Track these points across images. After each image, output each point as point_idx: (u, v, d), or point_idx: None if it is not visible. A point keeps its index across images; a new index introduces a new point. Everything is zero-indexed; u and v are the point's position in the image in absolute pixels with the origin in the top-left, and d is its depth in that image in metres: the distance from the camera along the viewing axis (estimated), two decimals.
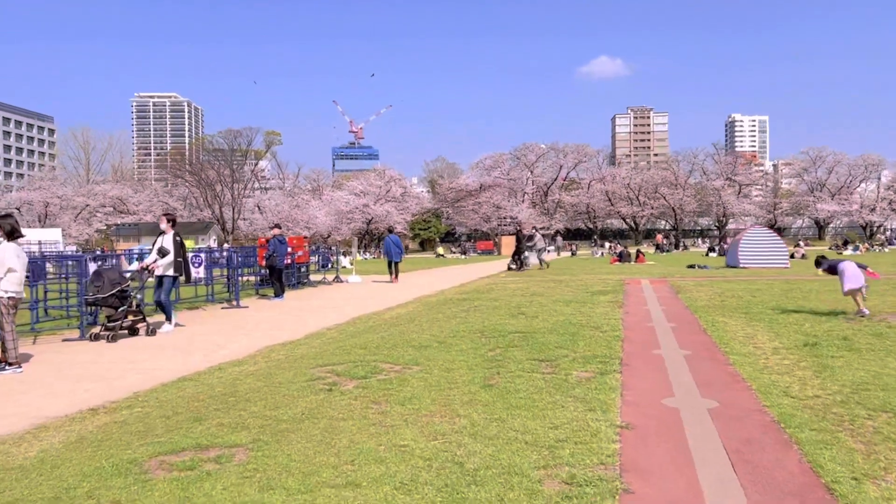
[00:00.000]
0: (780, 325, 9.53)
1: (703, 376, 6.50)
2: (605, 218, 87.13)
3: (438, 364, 7.16)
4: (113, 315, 10.37)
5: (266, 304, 15.24)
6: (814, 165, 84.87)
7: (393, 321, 11.26)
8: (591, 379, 6.37)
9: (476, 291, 16.61)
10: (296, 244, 19.72)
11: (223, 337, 10.30)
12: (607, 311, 11.79)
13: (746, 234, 25.63)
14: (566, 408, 5.33)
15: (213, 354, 8.65)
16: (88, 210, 79.42)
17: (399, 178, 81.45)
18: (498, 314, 11.50)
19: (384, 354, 7.84)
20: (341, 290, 19.43)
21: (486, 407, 5.39)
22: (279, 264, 16.30)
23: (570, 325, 9.94)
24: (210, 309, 14.40)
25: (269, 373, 7.08)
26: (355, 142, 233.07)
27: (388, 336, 9.35)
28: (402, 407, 5.44)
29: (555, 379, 6.37)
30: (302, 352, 8.51)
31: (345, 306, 14.38)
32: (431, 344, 8.47)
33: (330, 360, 7.56)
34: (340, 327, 10.88)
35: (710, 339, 8.60)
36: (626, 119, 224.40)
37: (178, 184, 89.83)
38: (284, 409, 5.45)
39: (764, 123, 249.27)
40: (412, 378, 6.48)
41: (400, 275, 22.91)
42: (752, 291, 14.66)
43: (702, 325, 9.96)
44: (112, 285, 10.41)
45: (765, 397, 5.61)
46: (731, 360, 7.20)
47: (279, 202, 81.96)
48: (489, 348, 8.10)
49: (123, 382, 7.00)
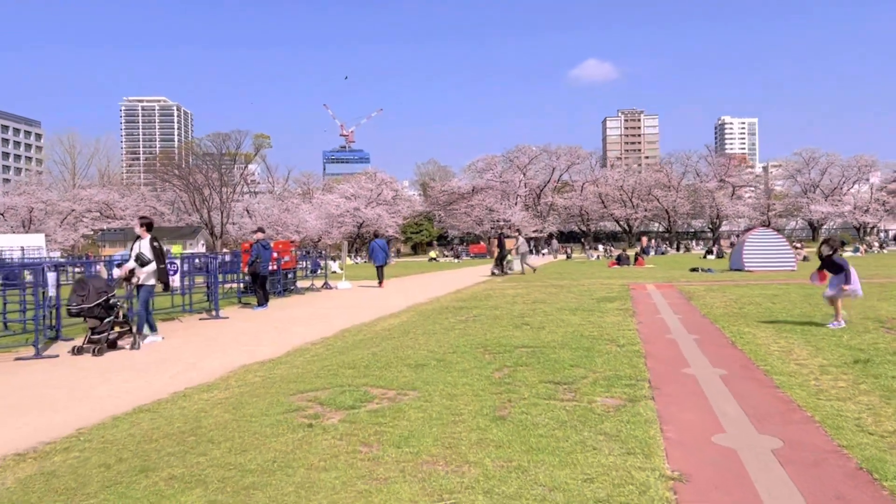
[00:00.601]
0: (816, 337, 8.58)
1: (752, 403, 5.53)
2: (598, 220, 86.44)
3: (438, 389, 6.17)
4: (98, 327, 9.54)
5: (248, 315, 14.19)
6: (807, 167, 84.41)
7: (385, 334, 10.24)
8: (621, 408, 5.39)
9: (473, 298, 15.62)
10: (282, 249, 18.68)
11: (195, 354, 9.26)
12: (618, 320, 10.82)
13: (751, 237, 24.76)
14: (599, 450, 4.34)
15: (181, 376, 7.61)
16: (74, 215, 78.04)
17: (390, 181, 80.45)
18: (500, 325, 10.51)
19: (375, 376, 6.83)
20: (330, 297, 18.41)
21: (501, 449, 4.40)
22: (263, 271, 15.26)
23: (581, 338, 8.96)
24: (187, 320, 13.34)
25: (241, 402, 6.05)
26: (346, 145, 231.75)
27: (380, 352, 8.34)
28: (398, 450, 4.44)
29: (577, 408, 5.39)
30: (282, 373, 7.48)
31: (333, 316, 13.36)
32: (429, 362, 7.47)
33: (313, 385, 6.54)
34: (327, 341, 9.86)
35: (743, 355, 7.64)
36: (617, 122, 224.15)
37: (166, 188, 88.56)
38: (253, 454, 4.44)
39: (753, 126, 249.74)
40: (408, 408, 5.48)
41: (394, 279, 22.41)
42: (769, 297, 13.73)
43: (727, 336, 9.00)
44: (98, 294, 9.60)
45: (836, 433, 4.64)
46: (776, 382, 6.23)
47: (269, 206, 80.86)
48: (495, 367, 7.11)
49: (68, 415, 5.96)
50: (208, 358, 8.83)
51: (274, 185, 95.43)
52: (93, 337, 9.55)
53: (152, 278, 10.44)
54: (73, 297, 9.61)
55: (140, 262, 10.29)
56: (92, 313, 9.57)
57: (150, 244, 10.46)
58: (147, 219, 10.83)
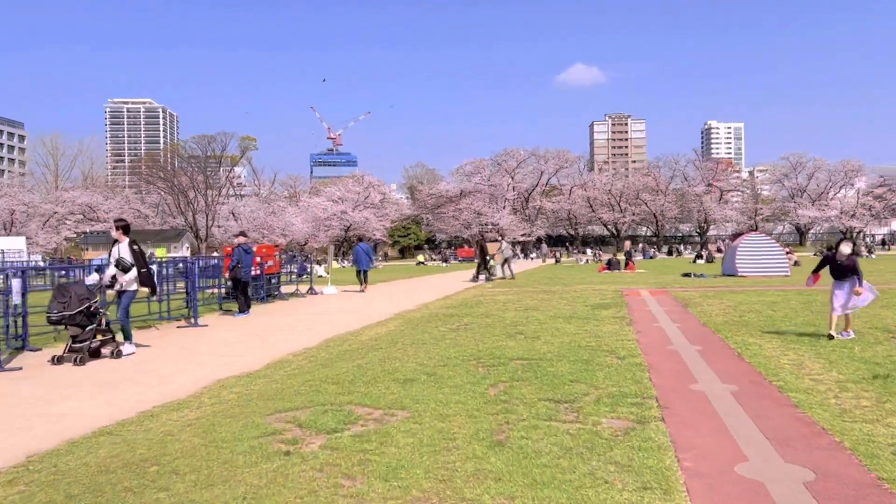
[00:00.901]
0: (827, 349, 8.16)
1: (771, 425, 5.07)
2: (586, 224, 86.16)
3: (429, 408, 5.67)
4: (80, 335, 9.03)
5: (228, 322, 13.61)
6: (794, 171, 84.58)
7: (372, 344, 9.73)
8: (630, 431, 4.91)
9: (464, 305, 15.12)
10: (265, 253, 18.11)
11: (169, 365, 8.70)
12: (616, 329, 10.37)
13: (744, 242, 24.42)
14: (611, 484, 3.86)
15: (151, 392, 7.06)
16: (56, 217, 76.82)
17: (378, 184, 79.84)
18: (493, 334, 10.02)
19: (361, 393, 6.32)
20: (315, 303, 17.85)
21: (501, 483, 3.91)
22: (244, 276, 14.68)
23: (579, 349, 8.49)
24: (164, 328, 12.75)
25: (213, 423, 5.52)
26: (334, 148, 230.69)
27: (366, 365, 7.83)
28: (385, 484, 3.93)
29: (582, 432, 4.91)
30: (260, 388, 6.95)
31: (317, 324, 12.82)
32: (418, 377, 6.97)
33: (292, 403, 6.03)
34: (310, 352, 9.32)
35: (752, 368, 7.19)
36: (604, 126, 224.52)
37: (151, 190, 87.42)
38: (222, 489, 3.92)
39: (739, 130, 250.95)
40: (397, 432, 4.98)
41: (381, 284, 22.19)
42: (768, 305, 13.33)
43: (732, 347, 8.56)
44: (80, 301, 9.08)
45: (872, 463, 4.18)
46: (793, 400, 5.78)
47: (254, 209, 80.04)
48: (490, 383, 6.62)
49: (20, 438, 5.40)
50: (183, 371, 8.28)
51: (260, 188, 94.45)
52: (74, 346, 9.05)
53: (134, 284, 9.91)
54: (53, 304, 9.10)
55: (122, 267, 9.76)
56: (73, 321, 9.07)
57: (130, 247, 9.92)
58: (123, 221, 10.25)
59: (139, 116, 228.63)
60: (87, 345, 9.08)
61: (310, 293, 20.48)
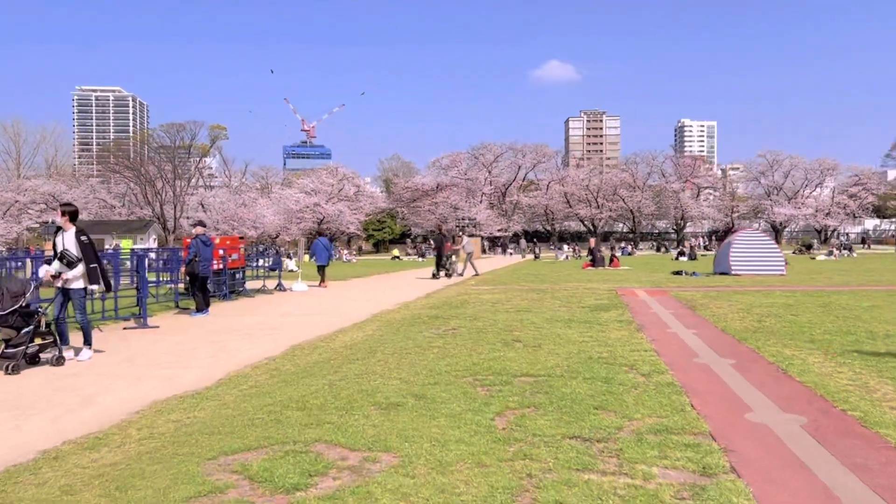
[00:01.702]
0: (889, 365, 6.94)
1: (878, 481, 3.79)
2: (563, 220, 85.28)
3: (423, 450, 4.31)
4: (14, 339, 7.74)
5: (183, 323, 12.10)
6: (770, 169, 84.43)
7: (346, 354, 8.33)
8: (698, 491, 3.60)
9: (448, 305, 13.76)
10: (229, 245, 16.57)
11: (100, 380, 7.22)
12: (625, 336, 9.09)
13: (737, 239, 23.38)
14: None
15: (66, 418, 5.61)
16: (17, 206, 73.88)
17: (352, 177, 78.03)
18: (486, 341, 8.68)
19: (333, 424, 4.94)
20: (283, 300, 16.38)
21: None
22: (202, 271, 13.15)
23: (591, 362, 7.19)
24: (108, 329, 11.20)
25: (133, 472, 4.10)
26: (307, 140, 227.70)
27: (340, 382, 6.43)
28: None
29: (634, 491, 3.59)
30: (205, 415, 5.53)
31: (284, 326, 11.39)
32: (404, 400, 5.60)
33: (243, 440, 4.63)
34: (273, 364, 7.90)
35: (810, 392, 5.93)
36: (580, 122, 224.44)
37: (118, 180, 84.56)
38: None
39: (712, 129, 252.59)
40: (381, 491, 3.61)
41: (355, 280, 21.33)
42: (784, 308, 12.15)
43: (770, 361, 7.31)
44: (13, 300, 7.84)
45: None
46: (888, 439, 4.52)
47: (224, 200, 77.74)
48: (495, 411, 5.27)
49: None
50: (114, 388, 6.81)
51: (231, 179, 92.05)
52: (7, 351, 7.71)
53: (81, 280, 8.42)
54: None
55: (66, 261, 8.29)
56: (6, 322, 7.80)
57: (77, 238, 8.43)
58: (71, 206, 8.71)
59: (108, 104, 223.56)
60: (22, 350, 7.75)
61: (278, 290, 18.98)
